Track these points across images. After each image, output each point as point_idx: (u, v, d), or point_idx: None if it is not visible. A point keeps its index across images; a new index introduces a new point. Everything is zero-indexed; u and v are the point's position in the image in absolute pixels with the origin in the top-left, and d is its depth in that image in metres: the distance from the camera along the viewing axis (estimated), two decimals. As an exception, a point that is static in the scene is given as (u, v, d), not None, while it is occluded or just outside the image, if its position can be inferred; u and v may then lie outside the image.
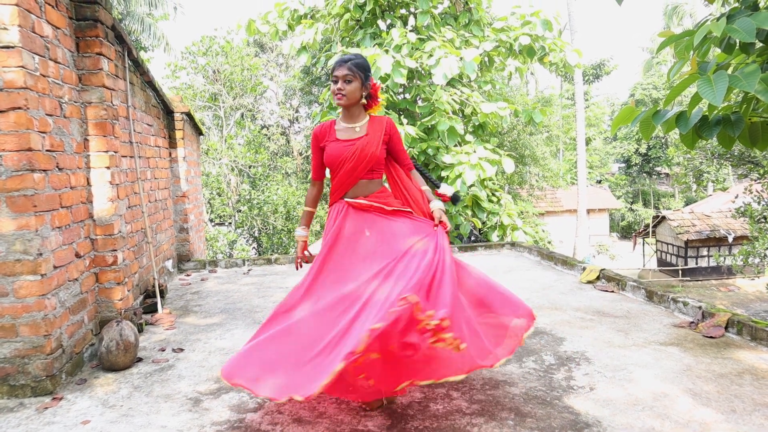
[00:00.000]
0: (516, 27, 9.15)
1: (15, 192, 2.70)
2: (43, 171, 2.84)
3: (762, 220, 11.17)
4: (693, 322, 3.79)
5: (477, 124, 9.37)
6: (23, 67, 2.67)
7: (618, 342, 3.50)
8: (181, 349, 3.56)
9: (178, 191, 6.09)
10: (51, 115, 2.98)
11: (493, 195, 9.76)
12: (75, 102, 3.34)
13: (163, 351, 3.55)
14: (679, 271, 19.68)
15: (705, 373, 2.95)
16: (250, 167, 17.61)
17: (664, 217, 21.00)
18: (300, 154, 24.88)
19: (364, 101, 2.76)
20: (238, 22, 10.13)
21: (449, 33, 8.70)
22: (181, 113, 6.00)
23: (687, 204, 31.52)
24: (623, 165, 40.44)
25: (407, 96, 9.59)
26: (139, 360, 3.38)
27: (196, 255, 6.69)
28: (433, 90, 8.70)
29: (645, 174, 39.17)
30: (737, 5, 2.47)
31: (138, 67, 4.61)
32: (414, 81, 9.24)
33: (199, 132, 7.26)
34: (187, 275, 6.06)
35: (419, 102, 9.52)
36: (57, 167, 3.02)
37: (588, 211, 22.63)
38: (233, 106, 19.33)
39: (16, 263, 2.74)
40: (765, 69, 2.38)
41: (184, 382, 3.04)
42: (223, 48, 18.18)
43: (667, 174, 38.61)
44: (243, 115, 20.79)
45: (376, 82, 2.84)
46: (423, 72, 8.83)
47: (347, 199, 2.75)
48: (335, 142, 2.76)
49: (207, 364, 3.30)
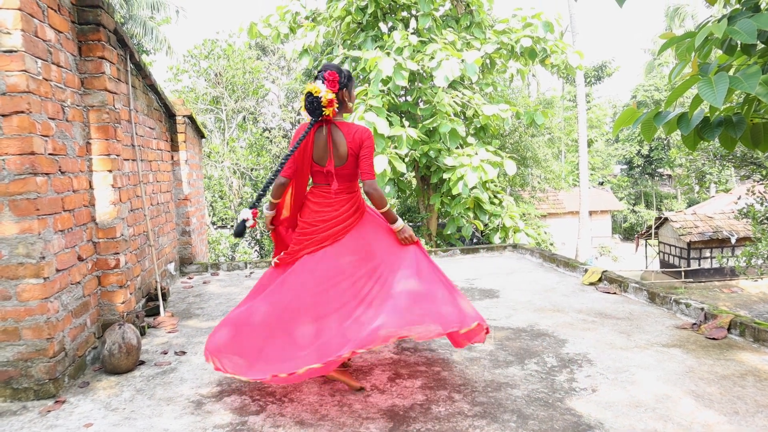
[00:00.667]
0: (517, 29, 9.17)
1: (18, 195, 2.71)
2: (46, 174, 2.85)
3: (765, 221, 11.16)
4: (695, 323, 3.78)
5: (479, 126, 9.38)
6: (26, 71, 2.68)
7: (620, 344, 3.49)
8: (184, 352, 3.57)
9: (180, 194, 6.11)
10: (53, 119, 2.99)
11: (495, 197, 9.77)
12: (77, 105, 3.35)
13: (166, 354, 3.56)
14: (682, 273, 19.65)
15: (707, 375, 2.95)
16: (252, 170, 17.63)
17: (666, 219, 20.97)
18: (302, 156, 24.87)
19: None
20: (240, 25, 10.17)
21: (450, 35, 8.71)
22: (183, 116, 6.01)
23: (689, 205, 31.49)
24: (625, 167, 40.42)
25: (409, 98, 9.61)
26: (142, 363, 3.39)
27: (198, 258, 6.69)
28: (435, 92, 8.71)
29: (647, 175, 39.15)
30: (738, 7, 2.47)
31: (140, 71, 4.62)
32: (415, 83, 9.26)
33: (201, 135, 7.28)
34: (189, 278, 6.07)
35: (421, 104, 9.53)
36: (59, 171, 3.03)
37: (590, 213, 22.61)
38: (235, 109, 19.36)
39: (18, 266, 2.74)
40: (766, 70, 2.38)
41: (186, 384, 3.04)
42: (225, 51, 18.21)
43: (670, 175, 38.59)
44: (245, 118, 20.82)
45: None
46: (424, 74, 8.85)
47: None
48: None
49: (209, 367, 3.29)
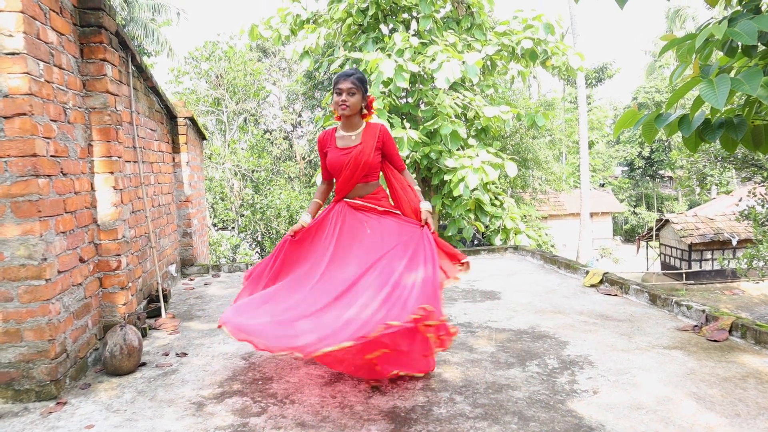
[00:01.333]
0: (518, 31, 9.17)
1: (20, 197, 2.72)
2: (48, 176, 2.86)
3: (766, 223, 11.15)
4: (697, 325, 3.78)
5: (480, 127, 9.38)
6: (28, 74, 2.68)
7: (621, 346, 3.49)
8: (185, 354, 3.57)
9: (181, 196, 6.11)
10: (55, 121, 2.99)
11: (496, 199, 9.77)
12: (79, 108, 3.36)
13: (167, 355, 3.56)
14: (683, 275, 19.62)
15: (709, 377, 2.94)
16: (253, 172, 17.64)
17: (667, 221, 20.96)
18: (303, 158, 24.92)
19: (364, 111, 3.13)
20: (241, 27, 10.18)
21: (451, 37, 8.72)
22: (184, 118, 6.02)
23: (690, 207, 31.46)
24: (626, 168, 40.40)
25: (410, 100, 9.61)
26: (143, 364, 3.39)
27: (199, 259, 6.70)
28: (436, 94, 8.72)
29: (648, 177, 39.13)
30: (739, 8, 2.47)
31: (141, 73, 4.63)
32: (416, 85, 9.26)
33: (202, 137, 7.29)
34: (191, 280, 6.07)
35: (422, 106, 9.54)
36: (61, 172, 3.04)
37: (591, 215, 22.61)
38: (236, 110, 19.38)
39: (20, 268, 2.75)
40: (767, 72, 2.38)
41: (187, 386, 3.04)
42: (226, 53, 18.24)
43: (671, 177, 38.56)
44: (246, 120, 20.84)
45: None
46: (425, 76, 8.85)
47: (346, 200, 3.15)
48: (334, 149, 3.13)
49: (210, 368, 3.30)
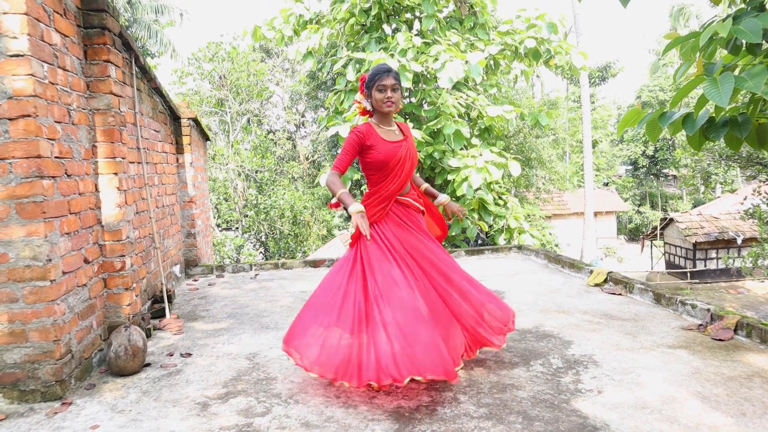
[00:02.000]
0: (521, 30, 9.15)
1: (24, 199, 2.73)
2: (52, 178, 2.87)
3: (771, 221, 11.09)
4: (701, 324, 3.76)
5: (483, 127, 9.37)
6: (32, 75, 2.69)
7: (626, 345, 3.48)
8: (189, 354, 3.58)
9: (185, 196, 6.13)
10: (59, 123, 3.00)
11: (500, 198, 9.75)
12: (83, 109, 3.37)
13: (171, 356, 3.57)
14: (688, 274, 19.56)
15: (714, 377, 2.93)
16: (256, 172, 17.67)
17: (672, 220, 20.89)
18: (306, 158, 24.94)
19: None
20: (244, 28, 10.21)
21: (454, 37, 8.72)
22: (188, 119, 6.04)
23: (695, 206, 31.36)
24: (630, 167, 40.30)
25: (413, 100, 9.60)
26: (148, 365, 3.40)
27: (203, 260, 6.71)
28: (439, 94, 8.71)
29: (652, 176, 39.01)
30: (743, 6, 2.47)
31: (145, 74, 4.64)
32: (419, 85, 9.25)
33: (206, 137, 7.30)
34: (195, 280, 6.09)
35: (425, 106, 9.53)
36: (66, 174, 3.05)
37: (595, 214, 22.57)
38: (239, 111, 19.41)
39: (25, 269, 2.76)
40: (772, 70, 2.37)
41: (192, 386, 3.05)
42: (229, 54, 18.28)
43: (675, 176, 38.42)
44: (249, 120, 20.87)
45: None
46: (428, 76, 8.85)
47: (399, 197, 3.03)
48: (383, 143, 2.95)
49: (215, 368, 3.31)
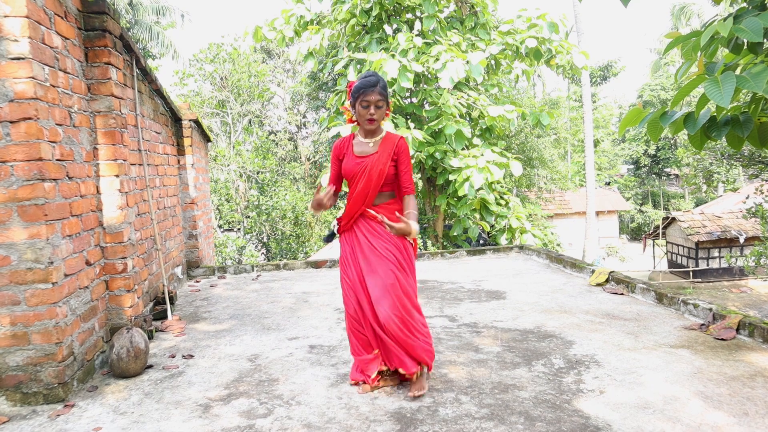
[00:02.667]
0: (522, 30, 9.16)
1: (26, 201, 2.73)
2: (54, 180, 2.87)
3: (774, 220, 11.06)
4: (704, 324, 3.76)
5: (484, 127, 9.37)
6: (33, 78, 2.70)
7: (628, 345, 3.48)
8: (191, 356, 3.58)
9: (186, 198, 6.13)
10: (61, 125, 3.01)
11: (502, 198, 9.75)
12: (84, 111, 3.37)
13: (173, 357, 3.57)
14: (690, 273, 19.52)
15: (716, 376, 2.93)
16: (258, 173, 17.68)
17: (674, 219, 20.84)
18: (308, 159, 24.96)
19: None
20: (245, 29, 10.22)
21: (455, 37, 8.72)
22: (189, 120, 6.04)
23: (697, 205, 31.30)
24: (632, 166, 40.24)
25: (414, 100, 9.61)
26: (150, 367, 3.40)
27: (205, 261, 6.72)
28: (440, 94, 8.72)
29: (654, 175, 38.95)
30: (744, 5, 2.46)
31: (146, 76, 4.65)
32: (421, 85, 9.26)
33: (207, 139, 7.31)
34: (197, 282, 6.09)
35: (426, 106, 9.54)
36: (67, 176, 3.05)
37: (597, 213, 22.54)
38: (241, 112, 19.43)
39: (27, 272, 2.76)
40: (773, 69, 2.36)
41: (194, 388, 3.05)
42: (231, 55, 18.30)
43: (677, 175, 38.37)
44: (251, 122, 20.90)
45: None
46: (429, 76, 8.86)
47: (366, 209, 2.93)
48: (350, 156, 2.94)
49: (217, 370, 3.31)
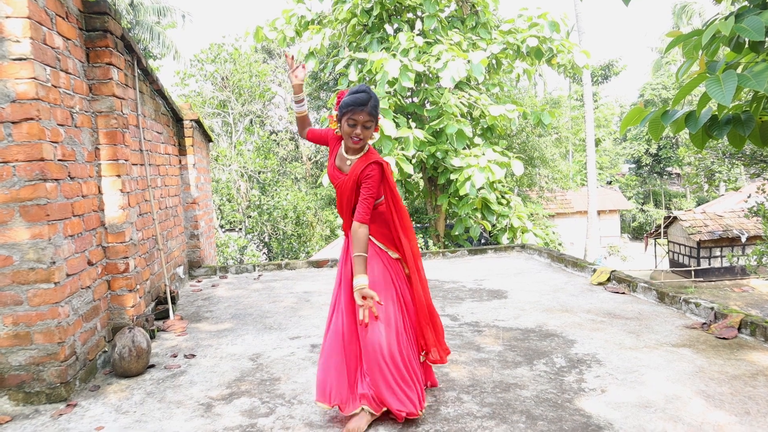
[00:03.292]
0: (523, 29, 9.16)
1: (28, 201, 2.74)
2: (56, 180, 2.88)
3: (775, 219, 11.04)
4: (705, 323, 3.76)
5: (485, 126, 9.37)
6: (35, 79, 2.70)
7: (629, 344, 3.48)
8: (193, 355, 3.58)
9: (188, 198, 6.14)
10: (62, 125, 3.01)
11: (503, 197, 9.75)
12: (86, 111, 3.38)
13: (175, 357, 3.58)
14: (692, 272, 19.50)
15: (718, 375, 2.93)
16: (259, 173, 17.69)
17: (675, 218, 20.81)
18: (309, 159, 24.97)
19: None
20: (246, 29, 10.24)
21: (456, 36, 8.72)
22: (190, 120, 6.05)
23: (699, 204, 31.25)
24: (633, 165, 40.19)
25: (415, 100, 9.61)
26: (152, 366, 3.41)
27: (206, 261, 6.72)
28: (441, 93, 8.71)
29: (656, 174, 38.90)
30: (746, 4, 2.46)
31: (147, 76, 4.65)
32: (422, 84, 9.26)
33: (209, 139, 7.31)
34: (198, 281, 6.10)
35: (427, 105, 9.54)
36: (69, 176, 3.06)
37: (599, 213, 22.51)
38: (242, 112, 19.44)
39: (29, 272, 2.77)
40: (774, 68, 2.36)
41: (196, 387, 3.06)
42: (232, 55, 18.29)
43: (678, 174, 38.31)
44: (252, 121, 20.91)
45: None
46: (431, 75, 8.86)
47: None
48: (332, 163, 2.71)
49: (218, 369, 3.32)
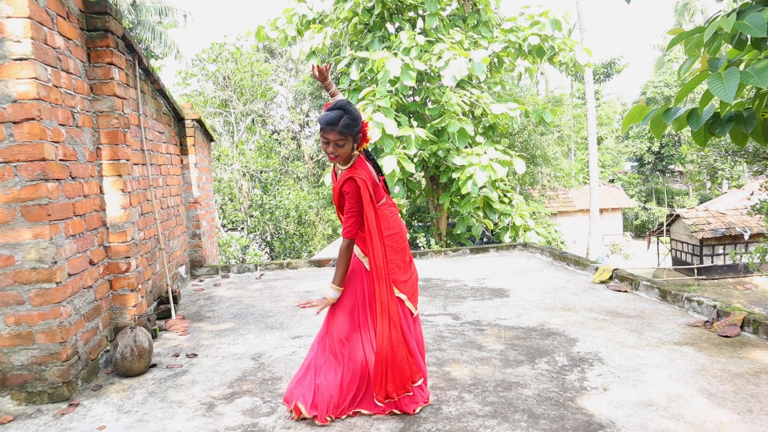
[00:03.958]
0: (525, 27, 9.14)
1: (30, 201, 2.74)
2: (57, 180, 2.88)
3: (778, 216, 11.01)
4: (708, 321, 3.75)
5: (487, 125, 9.37)
6: (36, 79, 2.71)
7: (631, 342, 3.47)
8: (195, 355, 3.59)
9: (190, 197, 6.14)
10: (64, 125, 3.02)
11: (505, 196, 9.75)
12: (87, 111, 3.38)
13: (177, 356, 3.58)
14: (695, 270, 19.46)
15: (720, 373, 2.92)
16: (261, 172, 17.70)
17: (678, 216, 20.76)
18: (311, 158, 24.97)
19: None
20: (247, 28, 10.21)
21: (458, 35, 8.70)
22: (192, 120, 6.05)
23: (701, 202, 31.19)
24: (636, 163, 40.10)
25: (417, 98, 9.60)
26: (154, 366, 3.41)
27: (208, 260, 6.73)
28: (443, 92, 8.70)
29: (658, 172, 38.82)
30: (748, 1, 2.45)
31: (149, 76, 4.65)
32: (423, 83, 9.25)
33: (210, 138, 7.32)
34: (200, 281, 6.10)
35: (429, 104, 9.53)
36: (70, 176, 3.06)
37: (601, 211, 22.49)
38: (244, 111, 19.44)
39: (31, 272, 2.77)
40: (776, 65, 2.35)
41: (197, 387, 3.06)
42: (233, 54, 18.28)
43: (681, 172, 38.24)
44: (254, 121, 20.91)
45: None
46: (432, 74, 8.84)
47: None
48: (333, 171, 2.83)
49: (220, 369, 3.32)
